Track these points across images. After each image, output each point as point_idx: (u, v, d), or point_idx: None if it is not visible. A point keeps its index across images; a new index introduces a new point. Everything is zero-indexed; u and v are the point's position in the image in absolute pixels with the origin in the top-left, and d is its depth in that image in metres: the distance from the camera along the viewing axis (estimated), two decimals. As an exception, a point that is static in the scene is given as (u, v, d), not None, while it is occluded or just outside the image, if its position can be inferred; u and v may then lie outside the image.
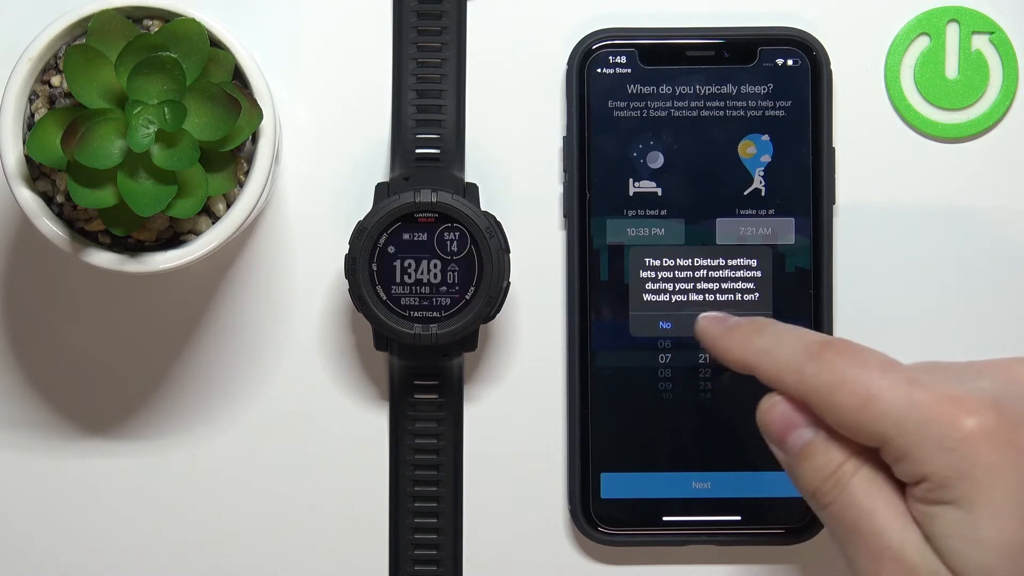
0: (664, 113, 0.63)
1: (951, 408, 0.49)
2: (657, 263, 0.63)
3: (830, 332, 0.63)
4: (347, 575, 0.65)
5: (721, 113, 0.63)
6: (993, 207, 0.64)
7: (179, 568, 0.65)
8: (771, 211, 0.63)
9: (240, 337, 0.64)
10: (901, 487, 0.51)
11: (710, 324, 0.56)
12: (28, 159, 0.58)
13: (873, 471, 0.51)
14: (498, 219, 0.61)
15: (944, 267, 0.64)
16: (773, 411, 0.53)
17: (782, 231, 0.63)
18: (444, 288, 0.60)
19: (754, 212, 0.63)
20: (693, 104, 0.63)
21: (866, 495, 0.51)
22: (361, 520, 0.64)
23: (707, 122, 0.63)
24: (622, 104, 0.63)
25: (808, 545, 0.64)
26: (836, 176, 0.63)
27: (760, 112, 0.63)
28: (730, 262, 0.63)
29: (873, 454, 0.51)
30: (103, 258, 0.58)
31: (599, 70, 0.63)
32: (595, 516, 0.63)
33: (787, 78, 0.63)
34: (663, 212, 0.63)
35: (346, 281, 0.61)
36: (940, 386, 0.50)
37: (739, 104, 0.63)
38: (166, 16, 0.59)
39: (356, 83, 0.64)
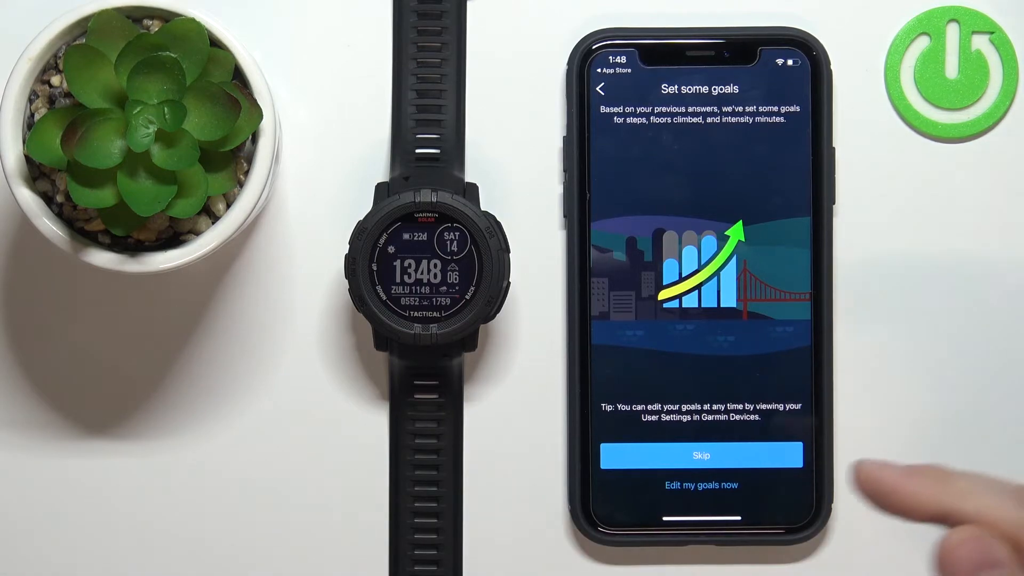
0: (664, 113, 0.63)
1: None
2: (656, 262, 0.63)
3: (830, 332, 0.63)
4: (347, 575, 0.65)
5: (721, 113, 0.63)
6: (993, 207, 0.64)
7: (179, 568, 0.65)
8: (771, 211, 0.63)
9: (240, 337, 0.64)
10: None
11: (880, 471, 0.50)
12: (28, 159, 0.58)
13: None
14: (498, 219, 0.61)
15: (943, 267, 0.64)
16: (966, 546, 0.49)
17: (781, 231, 0.63)
18: (444, 288, 0.60)
19: (754, 211, 0.63)
20: (693, 104, 0.63)
21: None
22: (361, 520, 0.64)
23: (707, 122, 0.63)
24: (622, 104, 0.63)
25: (808, 545, 0.64)
26: (836, 176, 0.63)
27: (760, 112, 0.63)
28: (728, 261, 0.63)
29: None
30: (103, 258, 0.58)
31: (599, 70, 0.63)
32: (595, 516, 0.63)
33: (787, 78, 0.63)
34: (663, 211, 0.63)
35: (346, 281, 0.61)
36: None
37: (739, 104, 0.63)
38: (166, 16, 0.59)
39: (356, 83, 0.64)
